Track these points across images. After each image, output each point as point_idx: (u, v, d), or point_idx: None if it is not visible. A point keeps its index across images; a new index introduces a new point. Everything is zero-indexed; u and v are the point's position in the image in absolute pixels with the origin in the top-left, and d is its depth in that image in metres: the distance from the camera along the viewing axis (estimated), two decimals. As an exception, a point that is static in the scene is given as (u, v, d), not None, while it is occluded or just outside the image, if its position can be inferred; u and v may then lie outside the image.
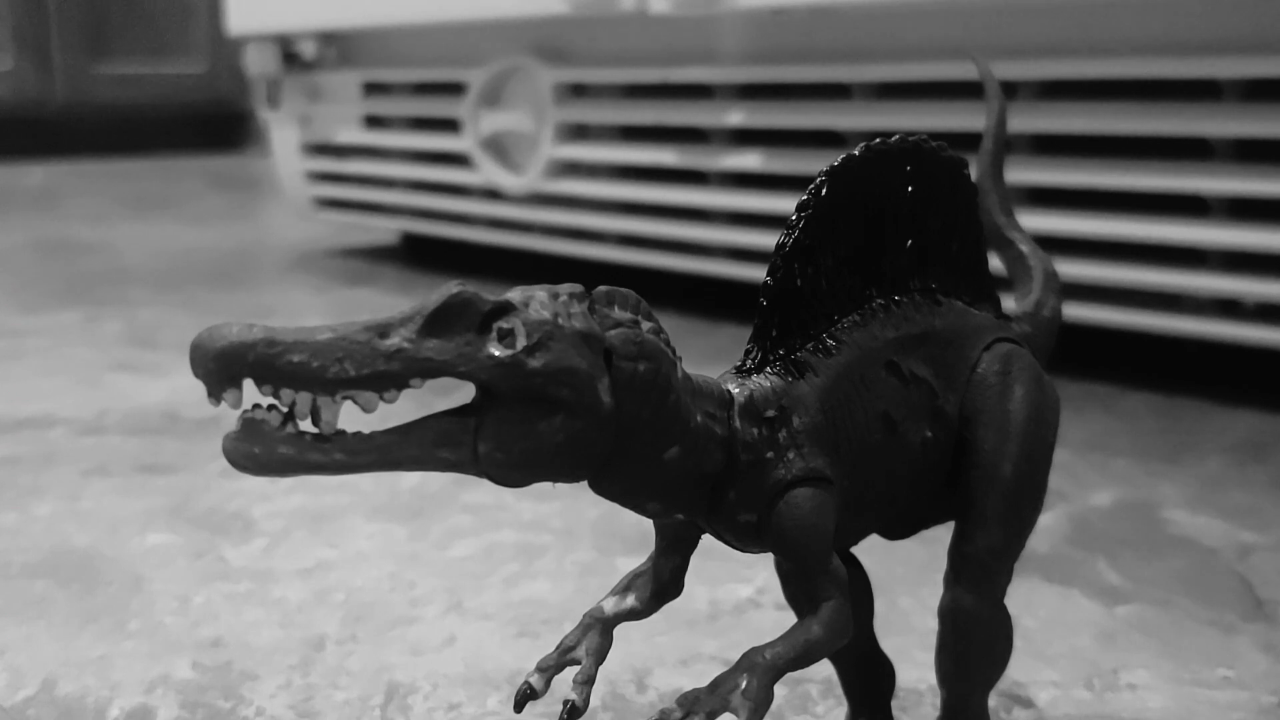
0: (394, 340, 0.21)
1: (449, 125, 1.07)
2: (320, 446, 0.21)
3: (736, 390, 0.25)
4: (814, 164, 0.78)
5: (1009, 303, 0.37)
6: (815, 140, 0.82)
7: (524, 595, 0.43)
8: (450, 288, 0.22)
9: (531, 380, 0.22)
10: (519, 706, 0.27)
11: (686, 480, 0.24)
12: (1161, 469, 0.57)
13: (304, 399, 0.21)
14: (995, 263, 0.39)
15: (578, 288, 0.23)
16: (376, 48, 1.13)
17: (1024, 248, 0.34)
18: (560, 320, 0.22)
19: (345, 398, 0.21)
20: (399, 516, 0.51)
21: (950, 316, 0.28)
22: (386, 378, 0.21)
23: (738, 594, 0.43)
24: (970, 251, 0.29)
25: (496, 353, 0.22)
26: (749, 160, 0.83)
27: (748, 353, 0.26)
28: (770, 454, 0.25)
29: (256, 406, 0.21)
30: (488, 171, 1.02)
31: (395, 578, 0.45)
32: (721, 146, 0.86)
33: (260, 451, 0.21)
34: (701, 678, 0.37)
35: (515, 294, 0.23)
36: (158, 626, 0.41)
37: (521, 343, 0.22)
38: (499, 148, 1.02)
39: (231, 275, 1.13)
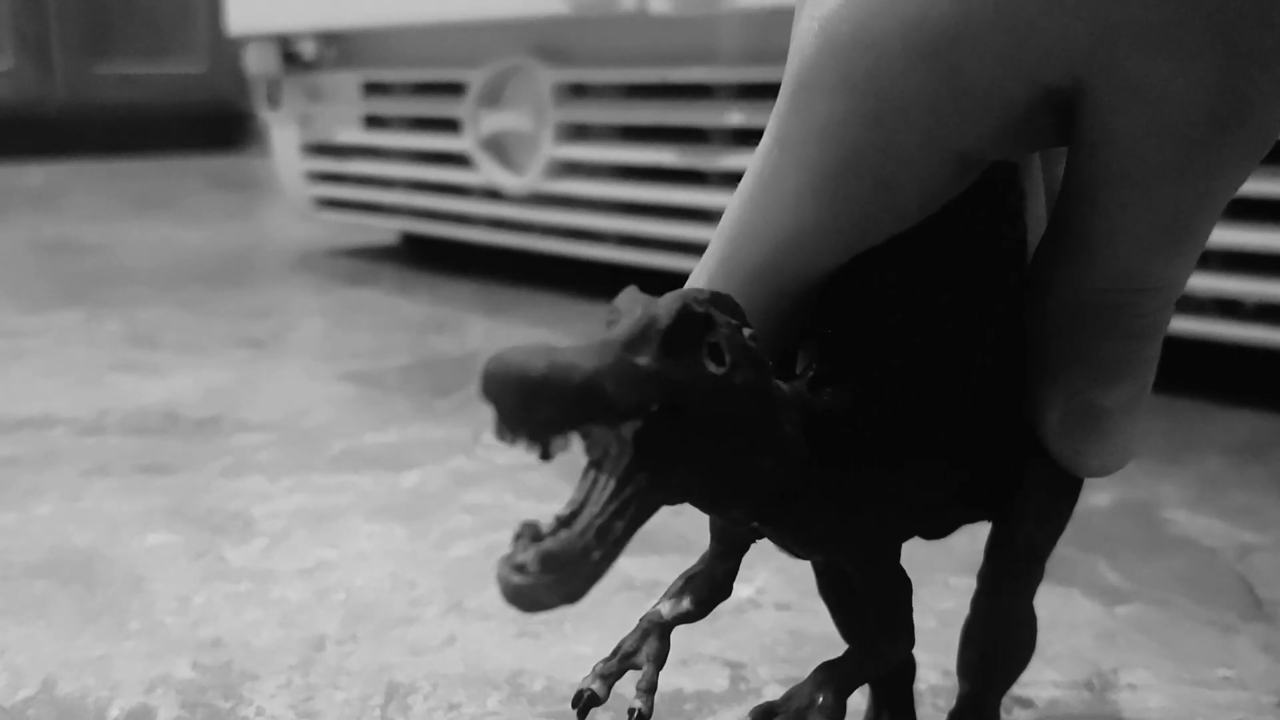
0: (645, 360, 0.19)
1: (449, 125, 1.07)
2: (591, 543, 0.19)
3: (810, 398, 0.25)
4: (814, 164, 0.78)
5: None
6: (815, 140, 0.82)
7: (524, 595, 0.43)
8: (676, 299, 0.20)
9: (735, 399, 0.21)
10: (583, 713, 0.27)
11: (773, 489, 0.24)
12: (1162, 469, 0.57)
13: (603, 435, 0.19)
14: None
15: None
16: (376, 48, 1.13)
17: None
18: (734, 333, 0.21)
19: (622, 433, 0.19)
20: (399, 516, 0.51)
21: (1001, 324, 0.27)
22: (646, 402, 0.19)
23: (738, 594, 0.43)
24: (1018, 255, 0.28)
25: (715, 370, 0.20)
26: (749, 161, 0.83)
27: (810, 361, 0.26)
28: (838, 464, 0.25)
29: (520, 536, 0.19)
30: (488, 171, 1.02)
31: (395, 578, 0.45)
32: (722, 147, 0.86)
33: (578, 586, 0.18)
34: (702, 678, 0.37)
35: (688, 302, 0.21)
36: (158, 626, 0.41)
37: (728, 359, 0.21)
38: (499, 148, 1.02)
39: (232, 275, 1.13)
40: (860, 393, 0.25)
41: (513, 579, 0.18)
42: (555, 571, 0.18)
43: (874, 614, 0.26)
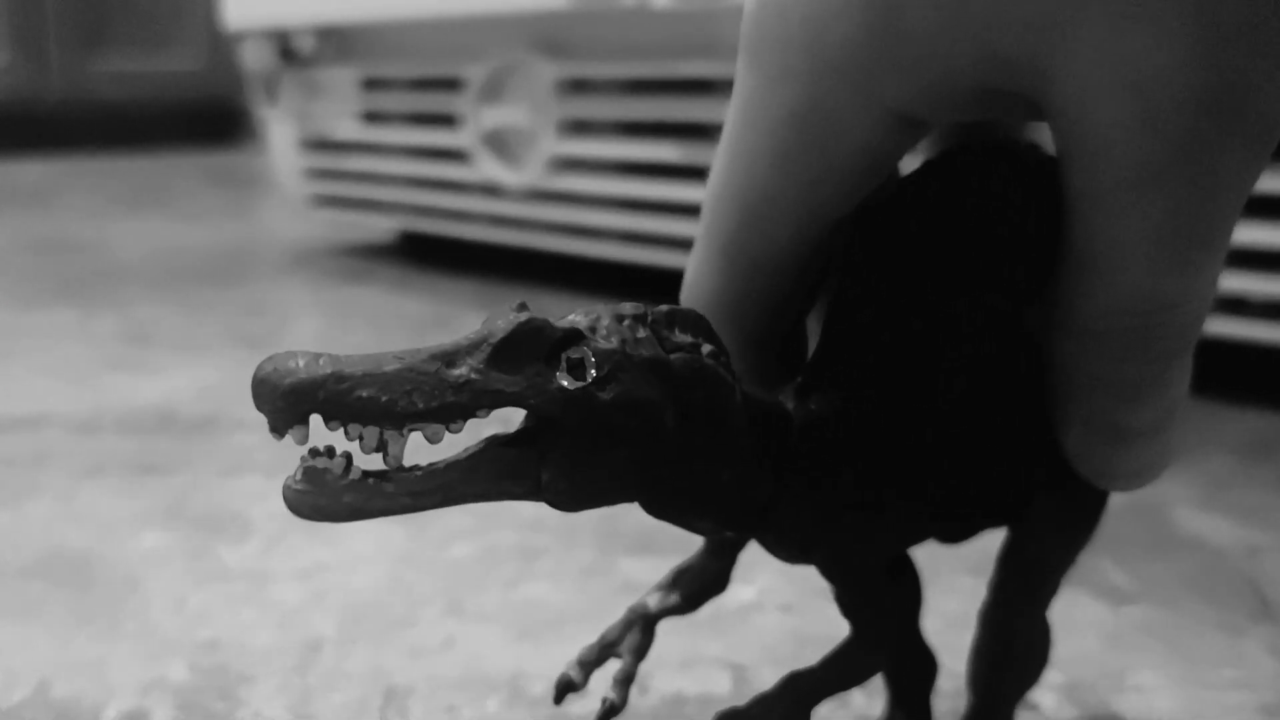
0: (461, 370, 0.20)
1: (448, 121, 1.07)
2: (384, 491, 0.20)
3: (793, 409, 0.24)
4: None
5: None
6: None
7: (524, 597, 0.43)
8: (519, 315, 0.21)
9: (601, 413, 0.21)
10: (559, 698, 0.27)
11: (737, 502, 0.23)
12: (1169, 469, 0.57)
13: (371, 433, 0.20)
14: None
15: (640, 308, 0.22)
16: (375, 43, 1.13)
17: None
18: (628, 349, 0.21)
19: (413, 430, 0.20)
20: (397, 517, 0.50)
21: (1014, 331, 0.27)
22: (455, 409, 0.20)
23: (740, 596, 0.42)
24: (1048, 257, 0.27)
25: (567, 385, 0.21)
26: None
27: (807, 368, 0.25)
28: (823, 476, 0.24)
29: (315, 452, 0.20)
30: (487, 168, 1.01)
31: (393, 579, 0.44)
32: (722, 143, 0.85)
33: (326, 503, 0.20)
34: (704, 681, 0.37)
35: (580, 318, 0.22)
36: (154, 628, 0.40)
37: (591, 374, 0.21)
38: (499, 143, 1.02)
39: (228, 273, 1.12)
40: (843, 400, 0.24)
41: (285, 483, 0.20)
42: (314, 485, 0.20)
43: (852, 623, 0.25)
